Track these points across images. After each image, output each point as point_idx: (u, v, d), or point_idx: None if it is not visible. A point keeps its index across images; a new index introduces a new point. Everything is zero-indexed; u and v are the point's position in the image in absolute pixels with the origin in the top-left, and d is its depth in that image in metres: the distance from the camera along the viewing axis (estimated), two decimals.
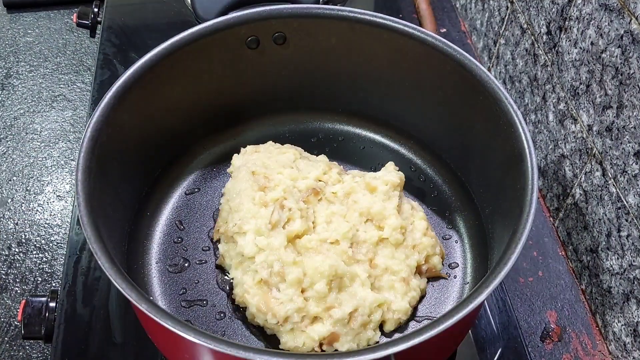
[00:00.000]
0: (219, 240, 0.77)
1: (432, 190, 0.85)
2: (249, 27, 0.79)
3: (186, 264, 0.77)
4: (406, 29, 0.77)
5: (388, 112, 0.89)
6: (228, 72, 0.83)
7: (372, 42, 0.80)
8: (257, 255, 0.70)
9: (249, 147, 0.83)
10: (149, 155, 0.80)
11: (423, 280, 0.74)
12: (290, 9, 0.79)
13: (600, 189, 0.77)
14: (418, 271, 0.74)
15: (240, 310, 0.72)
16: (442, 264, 0.76)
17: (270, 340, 0.70)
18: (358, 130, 0.91)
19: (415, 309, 0.73)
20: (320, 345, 0.67)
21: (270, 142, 0.85)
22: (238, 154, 0.82)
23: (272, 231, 0.71)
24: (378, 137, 0.91)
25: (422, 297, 0.74)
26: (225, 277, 0.75)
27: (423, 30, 0.76)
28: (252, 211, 0.72)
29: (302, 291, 0.67)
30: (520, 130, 0.67)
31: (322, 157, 0.83)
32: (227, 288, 0.74)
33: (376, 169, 0.82)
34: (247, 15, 0.78)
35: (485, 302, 0.81)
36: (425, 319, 0.73)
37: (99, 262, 0.56)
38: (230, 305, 0.73)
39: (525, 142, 0.66)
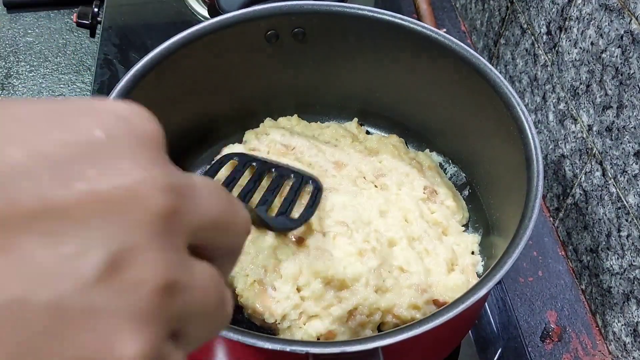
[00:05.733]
0: None
1: None
2: (269, 21, 0.79)
3: None
4: (424, 31, 0.76)
5: (401, 112, 0.88)
6: (245, 65, 0.82)
7: (390, 42, 0.79)
8: (241, 262, 0.68)
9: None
10: None
11: (433, 309, 0.71)
12: (311, 5, 0.79)
13: (600, 189, 0.77)
14: (435, 303, 0.71)
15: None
16: None
17: (268, 333, 0.69)
18: (371, 129, 0.91)
19: None
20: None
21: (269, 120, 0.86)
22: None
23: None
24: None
25: None
26: None
27: (441, 33, 0.75)
28: None
29: (299, 290, 0.67)
30: (530, 137, 0.67)
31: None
32: None
33: None
34: (268, 9, 0.78)
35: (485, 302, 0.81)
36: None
37: None
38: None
39: (533, 148, 0.66)
